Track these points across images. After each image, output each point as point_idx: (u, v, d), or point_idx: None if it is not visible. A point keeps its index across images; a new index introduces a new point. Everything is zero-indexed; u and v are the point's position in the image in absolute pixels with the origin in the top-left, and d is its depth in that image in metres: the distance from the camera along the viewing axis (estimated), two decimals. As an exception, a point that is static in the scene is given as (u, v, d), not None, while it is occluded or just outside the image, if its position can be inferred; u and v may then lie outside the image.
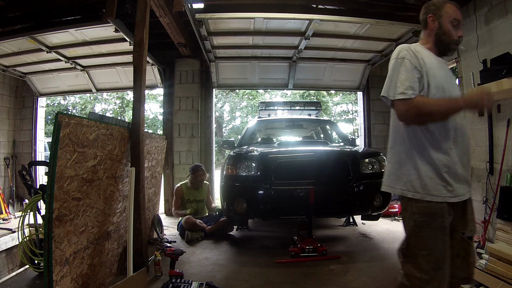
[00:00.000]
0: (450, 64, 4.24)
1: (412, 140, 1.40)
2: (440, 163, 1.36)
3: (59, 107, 14.28)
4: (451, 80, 1.50)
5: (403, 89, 1.33)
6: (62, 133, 1.82)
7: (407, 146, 1.42)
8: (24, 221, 2.50)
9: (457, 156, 1.39)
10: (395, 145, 1.48)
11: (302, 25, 3.97)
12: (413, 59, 1.39)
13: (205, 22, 3.76)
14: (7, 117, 5.62)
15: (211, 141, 5.57)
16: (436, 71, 1.40)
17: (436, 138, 1.37)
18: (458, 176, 1.39)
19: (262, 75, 5.43)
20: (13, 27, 4.13)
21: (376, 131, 5.56)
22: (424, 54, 1.42)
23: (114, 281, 2.49)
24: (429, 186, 1.35)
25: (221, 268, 2.80)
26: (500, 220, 2.91)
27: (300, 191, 2.82)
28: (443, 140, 1.37)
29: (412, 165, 1.39)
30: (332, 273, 2.62)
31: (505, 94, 2.98)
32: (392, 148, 1.49)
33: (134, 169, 2.59)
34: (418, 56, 1.40)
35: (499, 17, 3.19)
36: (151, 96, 14.78)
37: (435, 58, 1.46)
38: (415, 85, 1.35)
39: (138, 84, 2.73)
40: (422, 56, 1.41)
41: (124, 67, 5.29)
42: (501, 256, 2.26)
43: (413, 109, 1.33)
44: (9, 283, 2.54)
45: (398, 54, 1.42)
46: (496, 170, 3.25)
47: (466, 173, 1.44)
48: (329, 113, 15.48)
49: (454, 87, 1.48)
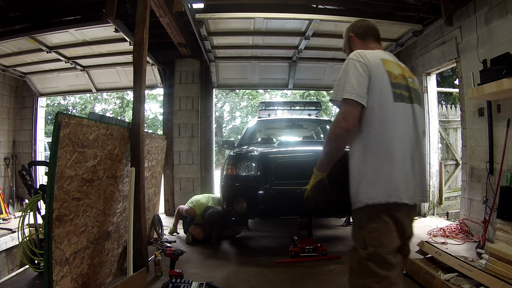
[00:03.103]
0: (450, 64, 4.25)
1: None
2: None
3: (59, 107, 14.28)
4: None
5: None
6: (62, 133, 1.82)
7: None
8: (24, 221, 2.50)
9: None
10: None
11: (302, 25, 3.97)
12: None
13: (205, 22, 3.76)
14: (7, 117, 5.62)
15: (211, 141, 5.57)
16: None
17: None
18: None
19: (262, 75, 5.43)
20: (13, 27, 4.14)
21: (376, 131, 5.54)
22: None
23: (114, 281, 2.49)
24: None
25: (221, 268, 2.80)
26: (500, 220, 2.90)
27: (300, 191, 2.80)
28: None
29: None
30: (332, 273, 2.62)
31: (505, 94, 2.98)
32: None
33: (134, 169, 2.59)
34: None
35: (499, 17, 3.19)
36: (151, 96, 14.78)
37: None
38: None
39: (138, 84, 2.73)
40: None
41: (124, 67, 5.28)
42: (501, 256, 2.26)
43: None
44: (9, 283, 2.54)
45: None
46: (496, 170, 3.25)
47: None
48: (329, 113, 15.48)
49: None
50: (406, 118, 1.42)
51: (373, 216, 1.37)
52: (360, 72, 1.37)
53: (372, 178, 1.36)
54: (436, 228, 3.86)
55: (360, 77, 1.37)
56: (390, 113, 1.38)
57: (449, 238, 3.55)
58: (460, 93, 3.97)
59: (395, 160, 1.36)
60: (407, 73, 1.51)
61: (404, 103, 1.42)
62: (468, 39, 3.65)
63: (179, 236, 3.88)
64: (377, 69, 1.39)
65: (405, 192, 1.35)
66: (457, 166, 5.20)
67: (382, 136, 1.37)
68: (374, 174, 1.36)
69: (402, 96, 1.42)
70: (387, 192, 1.34)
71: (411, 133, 1.42)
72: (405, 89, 1.44)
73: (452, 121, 5.32)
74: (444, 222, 4.29)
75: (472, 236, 3.54)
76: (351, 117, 1.35)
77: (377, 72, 1.39)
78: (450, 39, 4.00)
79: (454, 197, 5.04)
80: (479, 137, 3.55)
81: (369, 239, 1.37)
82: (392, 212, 1.36)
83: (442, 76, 9.09)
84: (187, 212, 3.72)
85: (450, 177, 5.18)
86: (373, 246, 1.36)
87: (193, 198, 3.88)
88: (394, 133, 1.37)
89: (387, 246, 1.36)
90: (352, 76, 1.37)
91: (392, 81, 1.41)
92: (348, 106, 1.36)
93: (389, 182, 1.35)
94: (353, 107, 1.35)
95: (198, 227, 3.61)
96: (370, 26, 1.66)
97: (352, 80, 1.36)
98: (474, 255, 2.97)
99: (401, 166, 1.36)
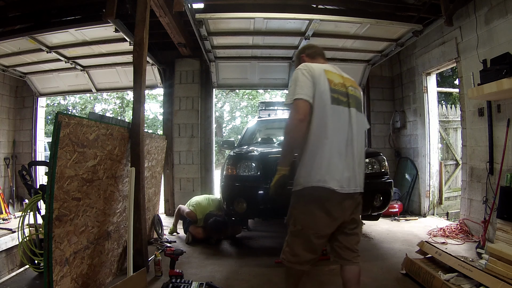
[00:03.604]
0: (450, 64, 4.25)
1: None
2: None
3: (59, 107, 14.28)
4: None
5: None
6: (62, 133, 1.82)
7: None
8: (24, 221, 2.50)
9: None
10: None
11: (302, 25, 3.97)
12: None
13: (205, 22, 3.76)
14: (7, 117, 5.62)
15: (211, 141, 5.56)
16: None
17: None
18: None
19: (262, 75, 5.43)
20: (13, 27, 4.13)
21: (376, 131, 5.56)
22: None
23: (114, 281, 2.49)
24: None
25: (221, 268, 2.80)
26: (500, 220, 2.91)
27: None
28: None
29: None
30: (332, 273, 2.62)
31: (505, 94, 2.98)
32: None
33: (134, 169, 2.58)
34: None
35: (499, 17, 3.19)
36: (151, 96, 14.79)
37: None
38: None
39: (138, 84, 2.73)
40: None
41: (124, 67, 5.28)
42: (501, 256, 2.26)
43: None
44: (9, 283, 2.54)
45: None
46: (496, 170, 3.25)
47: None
48: (329, 113, 15.45)
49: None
50: (342, 119, 1.68)
51: (306, 200, 1.65)
52: (307, 78, 1.66)
53: (308, 166, 1.63)
54: (436, 228, 3.86)
55: (307, 81, 1.65)
56: (327, 114, 1.64)
57: (449, 238, 3.55)
58: (460, 93, 3.97)
59: (327, 153, 1.62)
60: (348, 83, 1.79)
61: (341, 106, 1.68)
62: (468, 39, 3.65)
63: (179, 236, 3.88)
64: (319, 77, 1.67)
65: (334, 181, 1.59)
66: (457, 166, 5.20)
67: (319, 132, 1.63)
68: (309, 164, 1.63)
69: (339, 101, 1.68)
70: (317, 179, 1.60)
71: (346, 131, 1.68)
72: (343, 95, 1.71)
73: (452, 121, 5.32)
74: (444, 222, 4.29)
75: (472, 236, 3.55)
76: (303, 110, 1.61)
77: (319, 79, 1.67)
78: (450, 39, 4.00)
79: (454, 197, 5.04)
80: (479, 137, 3.55)
81: (299, 219, 1.67)
82: (322, 199, 1.61)
83: (442, 76, 9.09)
84: (188, 214, 3.70)
85: (450, 177, 5.18)
86: (301, 225, 1.66)
87: (193, 200, 3.85)
88: (330, 131, 1.63)
89: (312, 228, 1.64)
90: (300, 82, 1.66)
91: (332, 88, 1.67)
92: (299, 102, 1.62)
93: (319, 170, 1.60)
94: (303, 102, 1.62)
95: (198, 227, 3.62)
96: (318, 48, 2.05)
97: (301, 84, 1.65)
98: (474, 255, 2.98)
99: (333, 159, 1.62)
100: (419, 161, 4.87)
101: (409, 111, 5.12)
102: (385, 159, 3.26)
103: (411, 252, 2.83)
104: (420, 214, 4.79)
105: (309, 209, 1.63)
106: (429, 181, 4.73)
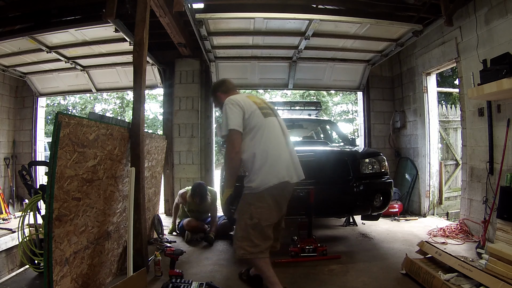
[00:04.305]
0: (450, 64, 4.25)
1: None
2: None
3: (59, 107, 14.29)
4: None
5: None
6: (62, 133, 1.82)
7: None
8: (24, 221, 2.50)
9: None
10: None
11: (302, 25, 3.97)
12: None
13: (205, 22, 3.75)
14: (7, 117, 5.62)
15: (211, 141, 5.56)
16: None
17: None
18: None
19: (262, 75, 5.43)
20: (13, 27, 4.13)
21: (376, 131, 5.56)
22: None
23: (114, 281, 2.49)
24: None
25: (221, 268, 2.80)
26: (500, 220, 2.91)
27: (300, 191, 2.81)
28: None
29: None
30: (332, 273, 2.62)
31: (505, 94, 2.98)
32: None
33: (134, 169, 2.58)
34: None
35: (499, 17, 3.19)
36: (151, 96, 14.79)
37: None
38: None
39: (138, 84, 2.73)
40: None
41: (124, 67, 5.28)
42: (501, 256, 2.26)
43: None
44: (9, 283, 2.54)
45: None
46: (496, 170, 3.25)
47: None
48: (329, 113, 15.49)
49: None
50: (276, 127, 2.15)
51: (260, 198, 2.00)
52: (235, 108, 2.03)
53: (258, 171, 1.99)
54: (436, 228, 3.86)
55: (236, 112, 2.02)
56: (265, 127, 2.06)
57: (449, 238, 3.55)
58: (460, 93, 3.97)
59: (275, 155, 2.03)
60: (263, 100, 2.29)
61: (271, 117, 2.16)
62: (468, 39, 3.65)
63: (179, 235, 3.88)
64: (245, 103, 2.08)
65: (281, 177, 2.01)
66: (457, 166, 5.20)
67: (264, 144, 2.02)
68: (260, 169, 1.99)
69: (268, 113, 2.15)
70: (268, 180, 1.98)
71: (281, 136, 2.16)
72: (267, 109, 2.19)
73: (452, 121, 5.32)
74: (444, 222, 4.29)
75: (472, 236, 3.54)
76: (237, 143, 2.01)
77: (246, 104, 2.07)
78: (450, 39, 4.00)
79: (454, 197, 5.05)
80: (479, 137, 3.55)
81: (255, 214, 1.99)
82: (273, 194, 2.01)
83: (442, 76, 9.09)
84: (181, 196, 3.84)
85: (450, 177, 5.18)
86: (257, 219, 1.99)
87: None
88: (272, 140, 2.07)
89: (267, 220, 2.01)
90: (229, 114, 2.02)
91: (259, 107, 2.13)
92: (234, 135, 2.00)
93: (268, 173, 1.98)
94: (237, 135, 2.01)
95: (191, 220, 3.70)
96: (230, 83, 2.39)
97: (231, 116, 2.01)
98: (474, 255, 2.98)
99: (279, 161, 2.03)
100: (419, 161, 4.87)
101: (409, 111, 5.12)
102: (385, 159, 3.26)
103: (411, 252, 2.83)
104: (420, 214, 4.79)
105: (264, 204, 2.00)
106: (429, 181, 4.74)
